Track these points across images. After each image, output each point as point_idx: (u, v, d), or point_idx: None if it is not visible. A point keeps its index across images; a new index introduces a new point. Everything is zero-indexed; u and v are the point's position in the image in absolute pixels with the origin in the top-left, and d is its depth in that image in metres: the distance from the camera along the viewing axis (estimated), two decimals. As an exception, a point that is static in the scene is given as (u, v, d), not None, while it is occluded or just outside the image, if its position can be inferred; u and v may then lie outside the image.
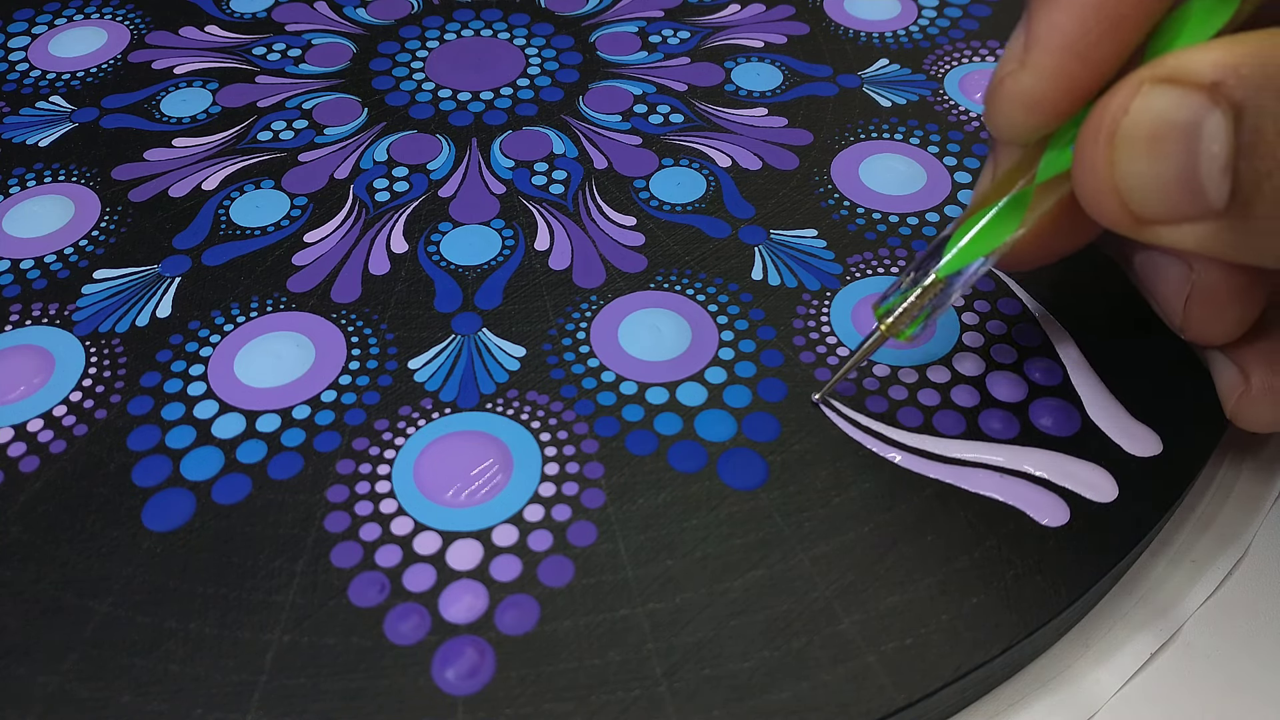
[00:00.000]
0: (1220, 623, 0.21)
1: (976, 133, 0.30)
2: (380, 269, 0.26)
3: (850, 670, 0.19)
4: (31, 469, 0.22)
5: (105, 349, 0.24)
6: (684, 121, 0.30)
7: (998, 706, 0.20)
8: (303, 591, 0.20)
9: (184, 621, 0.19)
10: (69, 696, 0.18)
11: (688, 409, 0.23)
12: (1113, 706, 0.20)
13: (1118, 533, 0.21)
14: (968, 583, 0.20)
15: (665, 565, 0.20)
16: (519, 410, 0.23)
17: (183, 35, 0.34)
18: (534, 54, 0.33)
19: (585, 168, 0.29)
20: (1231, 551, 0.22)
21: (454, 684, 0.19)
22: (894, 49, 0.33)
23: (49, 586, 0.20)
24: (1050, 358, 0.24)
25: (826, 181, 0.28)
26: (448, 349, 0.24)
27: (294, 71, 0.33)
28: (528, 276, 0.26)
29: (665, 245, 0.27)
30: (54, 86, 0.32)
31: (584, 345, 0.24)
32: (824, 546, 0.20)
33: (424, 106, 0.31)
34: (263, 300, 0.25)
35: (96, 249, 0.27)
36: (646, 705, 0.18)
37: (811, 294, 0.25)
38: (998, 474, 0.22)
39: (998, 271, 0.26)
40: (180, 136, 0.30)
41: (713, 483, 0.21)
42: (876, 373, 0.23)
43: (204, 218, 0.28)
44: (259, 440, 0.22)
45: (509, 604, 0.20)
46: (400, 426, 0.23)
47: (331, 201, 0.28)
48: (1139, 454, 0.22)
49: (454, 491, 0.21)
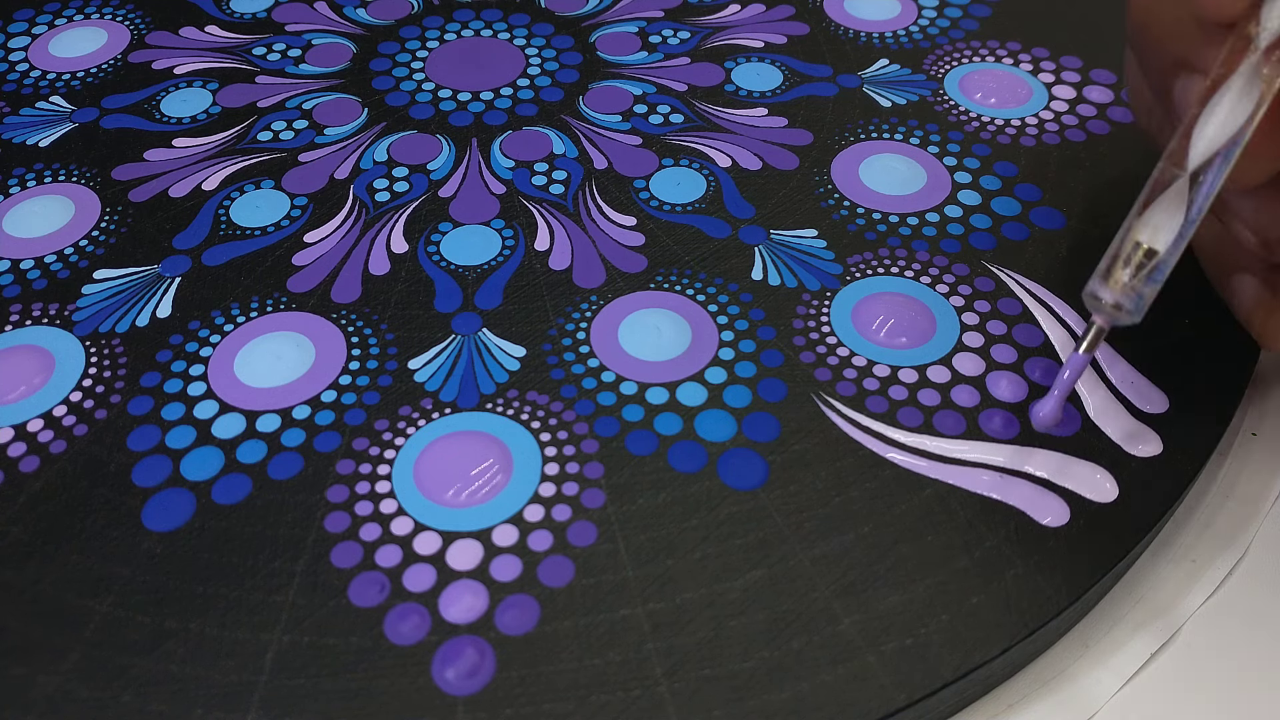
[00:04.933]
0: (1220, 623, 0.21)
1: (977, 133, 0.30)
2: (380, 269, 0.26)
3: (850, 670, 0.19)
4: (31, 469, 0.22)
5: (105, 349, 0.24)
6: (684, 121, 0.30)
7: (998, 706, 0.20)
8: (303, 591, 0.20)
9: (184, 621, 0.19)
10: (69, 696, 0.18)
11: (688, 409, 0.23)
12: (1113, 706, 0.20)
13: (1118, 533, 0.21)
14: (968, 583, 0.20)
15: (665, 565, 0.20)
16: (519, 410, 0.23)
17: (183, 35, 0.34)
18: (534, 54, 0.33)
19: (585, 168, 0.29)
20: (1231, 552, 0.22)
21: (454, 684, 0.19)
22: (894, 49, 0.33)
23: (49, 586, 0.20)
24: (1050, 358, 0.24)
25: (826, 181, 0.28)
26: (448, 349, 0.24)
27: (294, 72, 0.33)
28: (528, 276, 0.26)
29: (665, 245, 0.27)
30: (54, 86, 0.32)
31: (584, 345, 0.24)
32: (824, 546, 0.20)
33: (424, 106, 0.31)
34: (263, 300, 0.25)
35: (96, 249, 0.27)
36: (646, 705, 0.18)
37: (811, 294, 0.25)
38: (998, 474, 0.22)
39: (1000, 271, 0.26)
40: (180, 137, 0.30)
41: (713, 483, 0.21)
42: (877, 373, 0.23)
43: (204, 218, 0.28)
44: (259, 440, 0.22)
45: (509, 604, 0.20)
46: (400, 426, 0.23)
47: (331, 202, 0.28)
48: (1139, 454, 0.22)
49: (454, 491, 0.21)
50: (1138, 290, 0.19)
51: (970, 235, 0.27)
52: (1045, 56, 0.32)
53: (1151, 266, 0.19)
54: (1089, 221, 0.27)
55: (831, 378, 0.23)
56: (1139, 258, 0.19)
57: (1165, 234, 0.19)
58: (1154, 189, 0.19)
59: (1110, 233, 0.20)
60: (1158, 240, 0.19)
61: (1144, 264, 0.19)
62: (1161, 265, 0.19)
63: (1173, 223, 0.19)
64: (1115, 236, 0.20)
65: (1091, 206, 0.27)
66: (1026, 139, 0.29)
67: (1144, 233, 0.19)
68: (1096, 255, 0.23)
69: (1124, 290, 0.19)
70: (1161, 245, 0.19)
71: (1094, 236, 0.26)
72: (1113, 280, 0.19)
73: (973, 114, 0.30)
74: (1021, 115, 0.30)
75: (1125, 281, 0.19)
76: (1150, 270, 0.19)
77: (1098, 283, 0.20)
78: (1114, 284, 0.19)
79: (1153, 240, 0.19)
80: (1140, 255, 0.19)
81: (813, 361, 0.24)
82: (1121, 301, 0.19)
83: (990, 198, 0.28)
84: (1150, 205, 0.19)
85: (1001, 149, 0.29)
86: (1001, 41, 0.33)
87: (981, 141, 0.29)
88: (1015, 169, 0.29)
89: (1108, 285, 0.20)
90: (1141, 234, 0.19)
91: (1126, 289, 0.19)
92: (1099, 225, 0.27)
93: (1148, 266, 0.19)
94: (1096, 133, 0.30)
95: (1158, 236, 0.19)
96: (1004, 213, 0.27)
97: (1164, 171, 0.19)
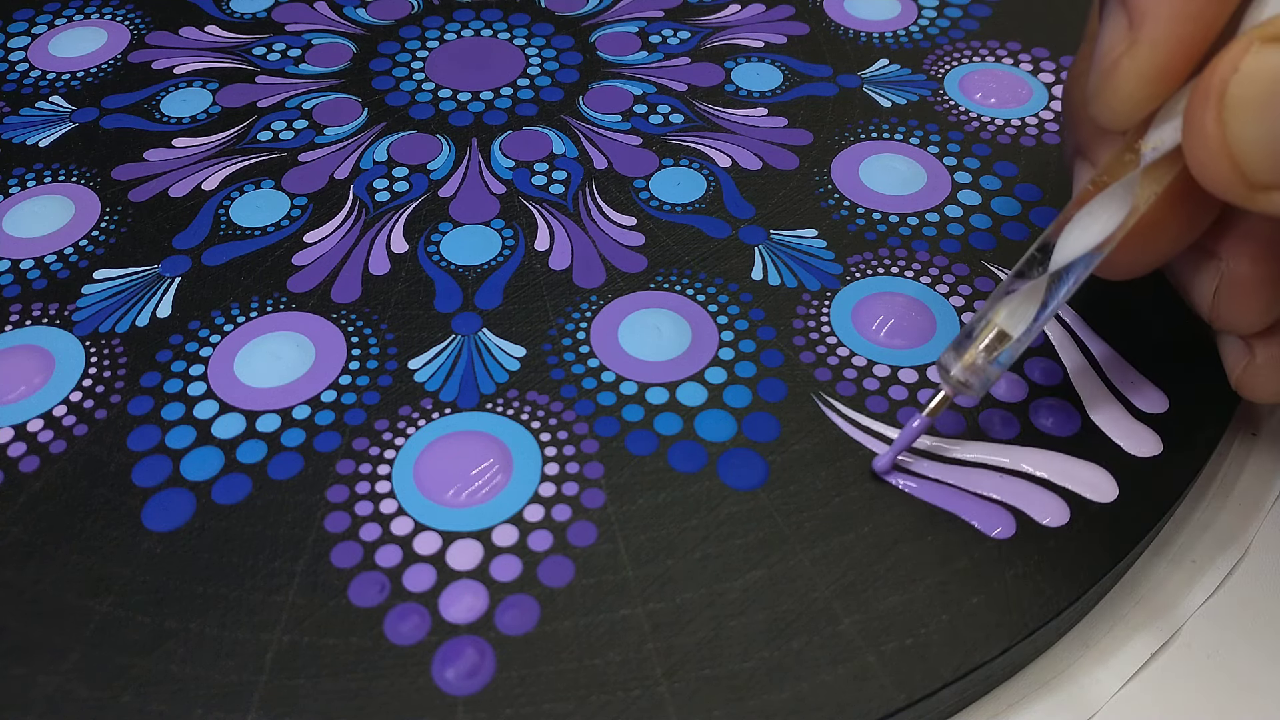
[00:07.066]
0: (1220, 623, 0.21)
1: (977, 133, 0.30)
2: (380, 269, 0.26)
3: (850, 670, 0.19)
4: (31, 469, 0.22)
5: (105, 349, 0.24)
6: (684, 121, 0.30)
7: (998, 706, 0.20)
8: (303, 591, 0.20)
9: (184, 621, 0.19)
10: (69, 696, 0.18)
11: (688, 409, 0.23)
12: (1113, 706, 0.20)
13: (1118, 533, 0.21)
14: (968, 583, 0.20)
15: (665, 565, 0.20)
16: (519, 410, 0.23)
17: (183, 35, 0.34)
18: (534, 54, 0.33)
19: (585, 168, 0.29)
20: (1231, 552, 0.22)
21: (454, 684, 0.19)
22: (894, 49, 0.33)
23: (49, 586, 0.20)
24: (1050, 358, 0.24)
25: (826, 181, 0.28)
26: (448, 349, 0.24)
27: (294, 71, 0.33)
28: (528, 276, 0.26)
29: (665, 245, 0.27)
30: (54, 86, 0.32)
31: (584, 345, 0.24)
32: (824, 546, 0.20)
33: (424, 106, 0.31)
34: (263, 300, 0.25)
35: (96, 249, 0.27)
36: (646, 705, 0.18)
37: (811, 294, 0.25)
38: (998, 474, 0.22)
39: (1000, 271, 0.26)
40: (180, 136, 0.30)
41: (713, 483, 0.21)
42: (877, 373, 0.23)
43: (204, 218, 0.28)
44: (259, 440, 0.22)
45: (509, 604, 0.20)
46: (400, 426, 0.23)
47: (331, 201, 0.28)
48: (1139, 454, 0.22)
49: (454, 491, 0.21)
50: (985, 371, 0.20)
51: (970, 235, 0.27)
52: (1045, 56, 0.32)
53: (1001, 350, 0.19)
54: (1089, 221, 0.27)
55: (831, 378, 0.23)
56: (993, 339, 0.19)
57: (1021, 322, 0.19)
58: (1016, 275, 0.19)
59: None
60: (1013, 326, 0.19)
61: (995, 346, 0.19)
62: (1009, 350, 0.19)
63: (1029, 313, 0.19)
64: (975, 313, 0.20)
65: (1091, 206, 0.27)
66: (1026, 139, 0.29)
67: (1001, 315, 0.19)
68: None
69: (972, 369, 0.20)
70: (1015, 331, 0.19)
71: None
72: (965, 358, 0.20)
73: (973, 114, 0.30)
74: (1021, 115, 0.30)
75: (976, 363, 0.20)
76: (999, 353, 0.19)
77: (951, 356, 0.20)
78: (965, 361, 0.20)
79: (1008, 325, 0.19)
80: (994, 336, 0.19)
81: (813, 361, 0.24)
82: (969, 380, 0.20)
83: (990, 198, 0.28)
84: (1013, 290, 0.19)
85: (1001, 149, 0.29)
86: (1001, 41, 0.33)
87: (981, 141, 0.29)
88: (1015, 169, 0.29)
89: (960, 361, 0.20)
90: (999, 315, 0.19)
91: (975, 369, 0.20)
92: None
93: (998, 350, 0.19)
94: (1096, 133, 0.30)
95: (1013, 322, 0.19)
96: (1004, 213, 0.27)
97: (1030, 260, 0.19)
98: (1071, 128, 0.22)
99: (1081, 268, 0.19)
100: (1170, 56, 0.18)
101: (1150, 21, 0.18)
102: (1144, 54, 0.18)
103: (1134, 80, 0.18)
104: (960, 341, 0.20)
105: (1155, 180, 0.18)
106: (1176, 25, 0.17)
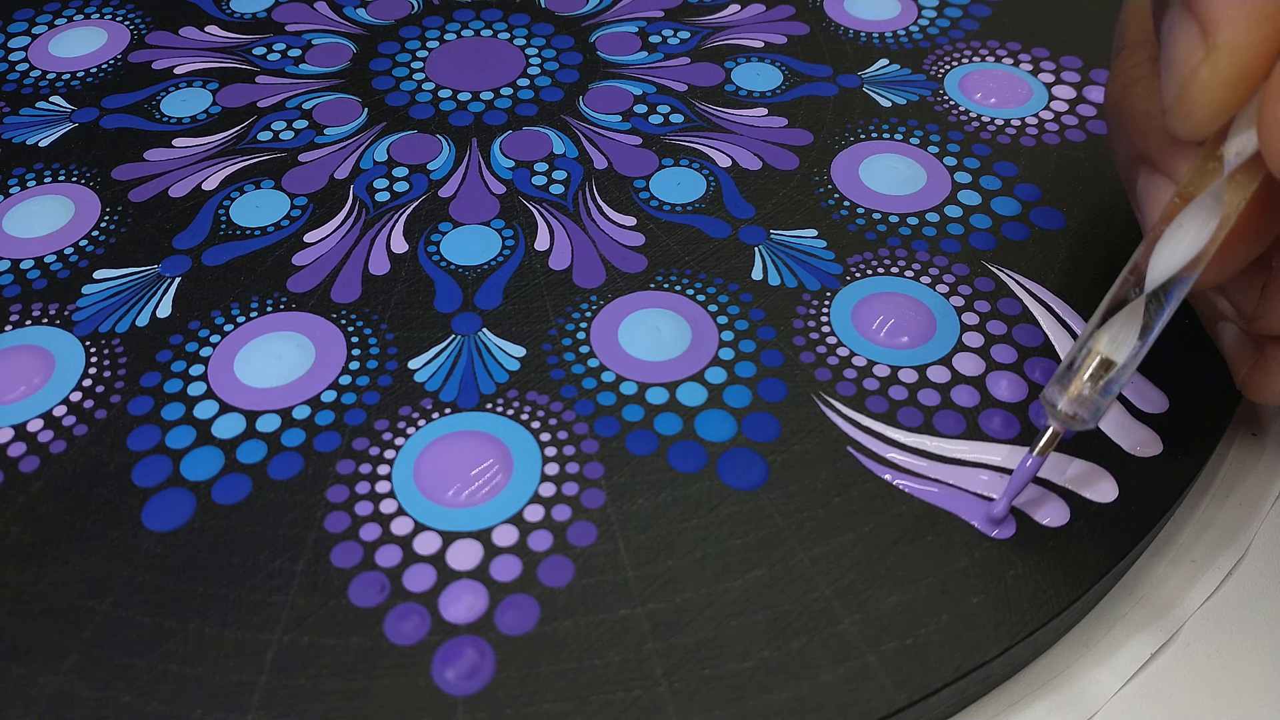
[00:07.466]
0: (1220, 623, 0.21)
1: (977, 133, 0.30)
2: (380, 269, 0.26)
3: (850, 670, 0.19)
4: (31, 469, 0.22)
5: (105, 349, 0.24)
6: (684, 121, 0.30)
7: (998, 706, 0.20)
8: (303, 591, 0.20)
9: (184, 621, 0.19)
10: (69, 696, 0.18)
11: (688, 409, 0.23)
12: (1113, 706, 0.20)
13: (1118, 533, 0.21)
14: (968, 583, 0.20)
15: (665, 565, 0.20)
16: (519, 410, 0.23)
17: (183, 35, 0.34)
18: (534, 54, 0.33)
19: (585, 168, 0.29)
20: (1231, 552, 0.22)
21: (454, 684, 0.19)
22: (894, 49, 0.33)
23: (49, 586, 0.20)
24: (1050, 357, 0.24)
25: (826, 181, 0.28)
26: (448, 349, 0.24)
27: (294, 71, 0.33)
28: (528, 276, 0.26)
29: (665, 245, 0.27)
30: (54, 86, 0.32)
31: (584, 345, 0.24)
32: (824, 546, 0.20)
33: (424, 106, 0.31)
34: (263, 300, 0.25)
35: (96, 249, 0.27)
36: (646, 705, 0.18)
37: (811, 294, 0.25)
38: (998, 474, 0.22)
39: (1000, 271, 0.26)
40: (180, 136, 0.30)
41: (713, 483, 0.21)
42: (876, 373, 0.23)
43: (204, 218, 0.28)
44: (259, 440, 0.22)
45: (509, 604, 0.20)
46: (400, 426, 0.23)
47: (331, 201, 0.28)
48: (1139, 454, 0.22)
49: (454, 491, 0.21)
50: (1094, 402, 0.19)
51: (970, 235, 0.27)
52: (1045, 56, 0.32)
53: (1108, 378, 0.19)
54: (1089, 221, 0.27)
55: (831, 378, 0.23)
56: (1097, 367, 0.19)
57: (1124, 347, 0.19)
58: (1114, 300, 0.19)
59: (1110, 233, 0.20)
60: (1116, 352, 0.19)
61: (1101, 375, 0.19)
62: (1116, 378, 0.19)
63: (1131, 337, 0.19)
64: (1075, 343, 0.19)
65: (1091, 206, 0.27)
66: (1026, 139, 0.29)
67: (1103, 342, 0.19)
68: (1096, 255, 0.24)
69: (1079, 401, 0.19)
70: (1120, 357, 0.19)
71: (1094, 236, 0.26)
72: (1071, 390, 0.19)
73: (973, 114, 0.30)
74: (1021, 115, 0.30)
75: (1083, 394, 0.19)
76: (1107, 381, 0.19)
77: (1055, 390, 0.19)
78: (1072, 394, 0.19)
79: (1111, 351, 0.19)
80: (1098, 365, 0.19)
81: (813, 361, 0.24)
82: (1077, 412, 0.19)
83: (990, 198, 0.28)
84: (1111, 315, 0.19)
85: (1001, 149, 0.29)
86: (1001, 41, 0.33)
87: (981, 141, 0.29)
88: (1015, 169, 0.29)
89: (1066, 394, 0.19)
90: (1100, 343, 0.19)
91: (1082, 400, 0.19)
92: (1099, 225, 0.27)
93: (1104, 378, 0.19)
94: (1096, 133, 0.30)
95: (1116, 348, 0.19)
96: (1004, 213, 0.27)
97: (1124, 284, 0.19)
98: (1132, 139, 0.21)
99: (1181, 287, 0.18)
100: (1251, 59, 0.17)
101: (1227, 26, 0.17)
102: (1223, 60, 0.17)
103: (1215, 88, 0.17)
104: (1062, 374, 0.19)
105: (1241, 187, 0.18)
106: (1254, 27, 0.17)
